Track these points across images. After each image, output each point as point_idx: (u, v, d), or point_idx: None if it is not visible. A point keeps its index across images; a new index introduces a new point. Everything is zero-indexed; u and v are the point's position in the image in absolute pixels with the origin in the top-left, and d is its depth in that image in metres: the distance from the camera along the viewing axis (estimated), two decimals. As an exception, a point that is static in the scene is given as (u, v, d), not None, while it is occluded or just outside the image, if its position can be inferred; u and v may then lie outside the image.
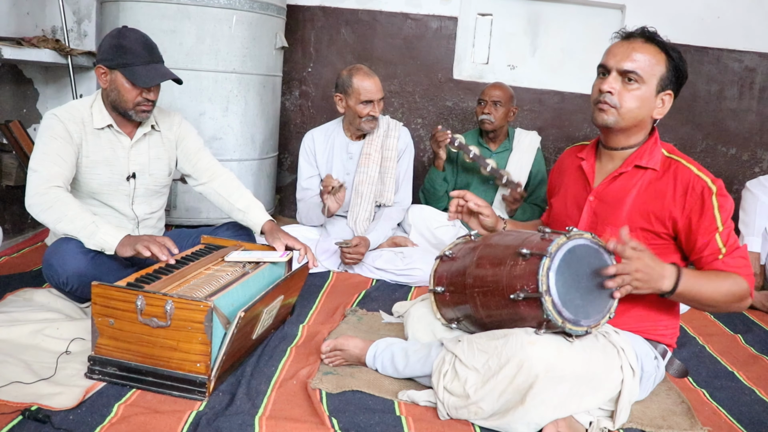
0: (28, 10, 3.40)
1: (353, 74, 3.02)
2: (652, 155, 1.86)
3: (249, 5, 3.28)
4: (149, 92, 2.26)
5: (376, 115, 3.07)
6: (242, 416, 1.67)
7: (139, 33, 2.27)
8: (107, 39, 2.26)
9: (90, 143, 2.29)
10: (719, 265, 1.77)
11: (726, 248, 1.77)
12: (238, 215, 2.51)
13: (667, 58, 1.81)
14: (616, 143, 1.90)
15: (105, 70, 2.24)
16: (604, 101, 1.81)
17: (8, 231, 3.15)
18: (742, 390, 2.12)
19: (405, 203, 3.30)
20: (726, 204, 1.77)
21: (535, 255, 1.67)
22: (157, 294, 1.73)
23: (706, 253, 1.78)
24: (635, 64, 1.78)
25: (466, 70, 4.08)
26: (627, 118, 1.82)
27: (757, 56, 3.74)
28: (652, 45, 1.81)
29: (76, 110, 2.28)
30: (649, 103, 1.82)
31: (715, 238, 1.77)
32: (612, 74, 1.81)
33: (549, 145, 3.97)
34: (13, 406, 1.62)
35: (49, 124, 2.21)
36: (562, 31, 3.96)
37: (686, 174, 1.80)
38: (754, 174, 3.84)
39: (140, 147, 2.40)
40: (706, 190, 1.76)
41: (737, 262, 1.77)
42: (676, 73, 1.83)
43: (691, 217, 1.78)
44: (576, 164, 2.03)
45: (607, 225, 1.87)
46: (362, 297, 2.75)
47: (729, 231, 1.78)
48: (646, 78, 1.79)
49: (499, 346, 1.69)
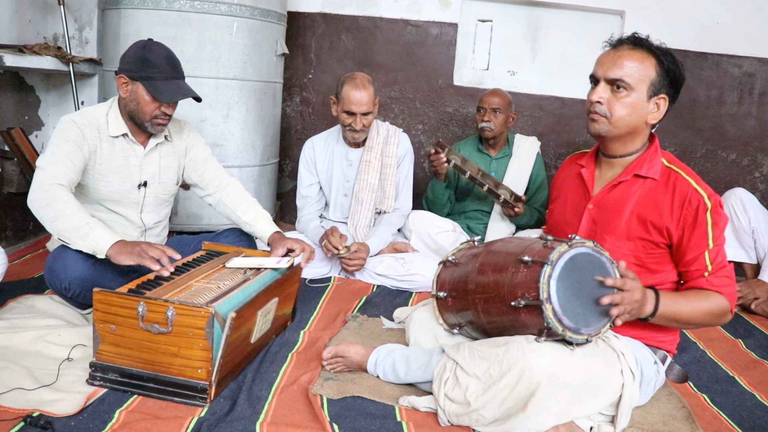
0: (29, 17, 3.41)
1: (346, 81, 3.01)
2: (652, 164, 1.86)
3: (249, 12, 3.29)
4: (168, 107, 2.29)
5: (356, 128, 3.01)
6: (243, 422, 1.67)
7: (164, 48, 2.30)
8: (132, 50, 2.28)
9: (104, 150, 2.30)
10: (703, 282, 1.80)
11: (713, 266, 1.79)
12: (245, 227, 2.53)
13: (657, 61, 1.80)
14: (614, 151, 1.90)
15: (127, 80, 2.26)
16: (594, 111, 1.82)
17: (10, 238, 3.16)
18: (743, 395, 2.12)
19: (405, 209, 3.30)
20: (720, 221, 1.79)
21: (536, 262, 1.67)
22: (159, 300, 1.74)
23: (692, 268, 1.81)
24: (622, 72, 1.78)
25: (467, 76, 4.09)
26: (619, 126, 1.82)
27: (756, 61, 3.75)
28: (640, 50, 1.80)
29: (92, 117, 2.30)
30: (641, 109, 1.81)
31: (703, 255, 1.79)
32: (601, 84, 1.82)
33: (549, 151, 3.98)
34: (15, 413, 1.62)
35: (64, 127, 2.22)
36: (562, 36, 3.97)
37: (685, 187, 1.80)
38: (754, 179, 3.85)
39: (152, 156, 2.42)
40: (701, 205, 1.77)
41: (721, 281, 1.80)
42: (669, 76, 1.81)
43: (684, 230, 1.79)
44: (576, 171, 2.03)
45: (606, 233, 1.88)
46: (363, 303, 2.75)
47: (719, 249, 1.80)
48: (635, 84, 1.78)
49: (500, 353, 1.69)
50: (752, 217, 3.10)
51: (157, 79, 2.23)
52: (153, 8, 3.17)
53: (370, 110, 3.01)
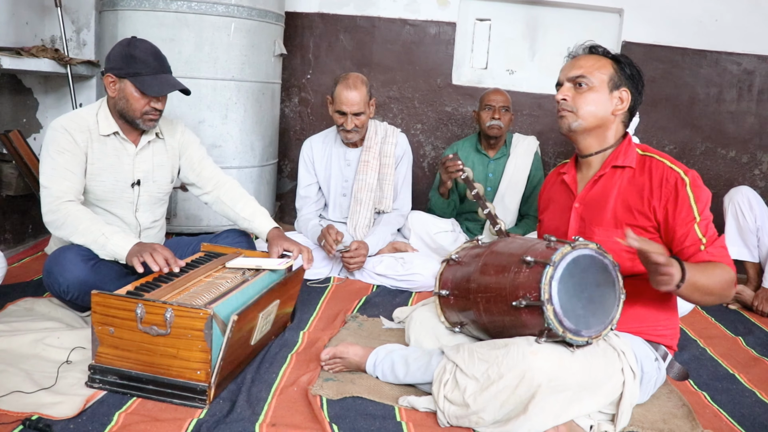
0: (27, 19, 3.41)
1: (339, 81, 3.00)
2: (627, 155, 1.94)
3: (247, 13, 3.29)
4: (157, 102, 2.28)
5: (347, 128, 3.01)
6: (243, 423, 1.67)
7: (148, 44, 2.29)
8: (117, 48, 2.27)
9: (95, 150, 2.30)
10: (704, 255, 1.79)
11: (706, 239, 1.80)
12: (243, 224, 2.52)
13: (613, 61, 1.96)
14: (589, 148, 1.98)
15: (114, 78, 2.26)
16: (561, 108, 1.95)
17: (9, 241, 3.16)
18: (743, 392, 2.12)
19: (404, 210, 3.30)
20: (702, 195, 1.82)
21: (538, 263, 1.67)
22: (157, 302, 1.73)
23: (687, 243, 1.81)
24: (581, 70, 1.94)
25: (465, 75, 4.08)
26: (587, 119, 1.92)
27: (755, 59, 3.74)
28: (596, 55, 1.98)
29: (81, 118, 2.30)
30: (604, 101, 1.93)
31: (694, 229, 1.80)
32: (564, 85, 1.97)
33: (548, 150, 3.97)
34: (14, 416, 1.62)
35: (54, 137, 2.22)
36: (561, 35, 3.96)
37: (660, 167, 1.87)
38: (753, 176, 3.84)
39: (144, 154, 2.41)
40: (679, 180, 1.82)
41: (719, 251, 1.81)
42: (625, 73, 1.94)
43: (668, 208, 1.82)
44: (559, 180, 2.12)
45: (594, 226, 1.93)
46: (363, 303, 2.74)
47: (707, 222, 1.82)
48: (594, 79, 1.92)
49: (500, 355, 1.69)
50: (758, 215, 3.10)
51: (144, 75, 2.23)
52: (150, 9, 3.16)
53: (362, 111, 2.99)
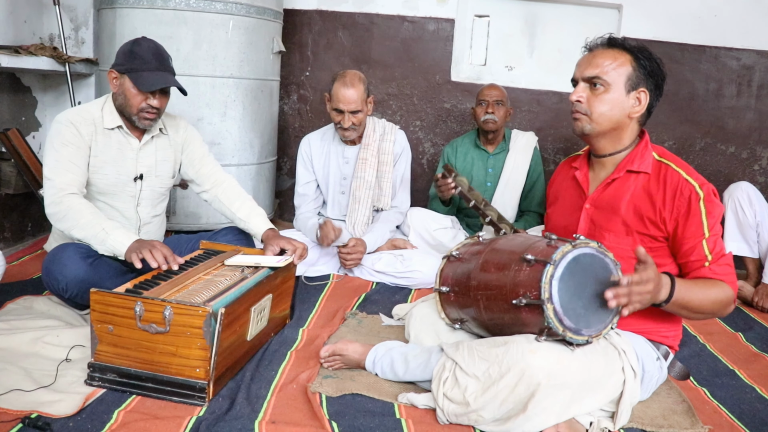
0: (25, 18, 3.40)
1: (337, 78, 2.99)
2: (643, 159, 1.88)
3: (245, 10, 3.29)
4: (153, 99, 2.29)
5: (344, 125, 2.99)
6: (242, 421, 1.67)
7: (153, 42, 2.32)
8: (124, 46, 2.32)
9: (99, 143, 2.32)
10: (706, 272, 1.79)
11: (712, 255, 1.78)
12: (240, 224, 2.54)
13: (633, 57, 1.85)
14: (603, 150, 1.92)
15: (116, 74, 2.30)
16: (575, 110, 1.88)
17: (8, 239, 3.16)
18: (743, 388, 2.12)
19: (403, 207, 3.29)
20: (714, 210, 1.78)
21: (539, 262, 1.67)
22: (156, 300, 1.73)
23: (692, 258, 1.80)
24: (598, 70, 1.83)
25: (464, 72, 4.08)
26: (601, 122, 1.85)
27: (754, 54, 3.74)
28: (615, 49, 1.86)
29: (87, 112, 2.32)
30: (621, 104, 1.84)
31: (701, 244, 1.78)
32: (580, 84, 1.88)
33: (548, 146, 3.97)
34: (13, 414, 1.62)
35: (59, 129, 2.24)
36: (560, 31, 3.95)
37: (675, 177, 1.82)
38: (753, 172, 3.84)
39: (148, 149, 2.43)
40: (693, 194, 1.78)
41: (723, 269, 1.79)
42: (645, 71, 1.84)
43: (679, 221, 1.79)
44: (570, 174, 2.06)
45: (605, 231, 1.89)
46: (362, 300, 2.74)
47: (716, 238, 1.79)
48: (611, 80, 1.83)
49: (500, 354, 1.68)
50: (758, 210, 3.10)
51: (142, 71, 2.25)
52: (148, 7, 3.16)
53: (360, 109, 2.98)
